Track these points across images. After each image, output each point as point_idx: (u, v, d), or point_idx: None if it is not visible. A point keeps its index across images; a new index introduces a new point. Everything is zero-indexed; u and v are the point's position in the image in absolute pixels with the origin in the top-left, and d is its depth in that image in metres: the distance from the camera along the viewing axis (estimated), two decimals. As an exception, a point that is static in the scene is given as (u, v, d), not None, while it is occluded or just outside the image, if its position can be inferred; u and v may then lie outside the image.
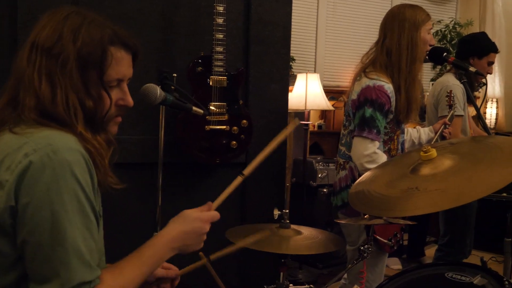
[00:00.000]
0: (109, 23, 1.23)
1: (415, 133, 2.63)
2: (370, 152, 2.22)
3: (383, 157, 2.25)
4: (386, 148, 2.36)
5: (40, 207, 1.05)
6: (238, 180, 1.47)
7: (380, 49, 2.36)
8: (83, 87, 1.17)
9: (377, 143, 2.25)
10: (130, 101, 1.28)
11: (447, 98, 2.82)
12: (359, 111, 2.29)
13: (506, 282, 1.51)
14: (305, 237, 1.92)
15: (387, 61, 2.32)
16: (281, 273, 2.00)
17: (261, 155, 1.49)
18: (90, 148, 1.15)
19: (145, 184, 2.56)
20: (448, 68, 4.49)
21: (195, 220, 1.30)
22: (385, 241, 2.29)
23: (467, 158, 1.71)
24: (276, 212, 1.99)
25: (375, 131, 2.24)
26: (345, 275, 2.63)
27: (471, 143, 1.94)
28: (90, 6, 2.46)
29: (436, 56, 2.70)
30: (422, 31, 2.33)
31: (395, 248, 2.38)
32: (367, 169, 2.21)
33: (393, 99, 2.29)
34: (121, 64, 1.22)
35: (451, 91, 2.82)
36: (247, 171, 1.49)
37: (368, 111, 2.24)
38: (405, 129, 2.57)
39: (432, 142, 2.56)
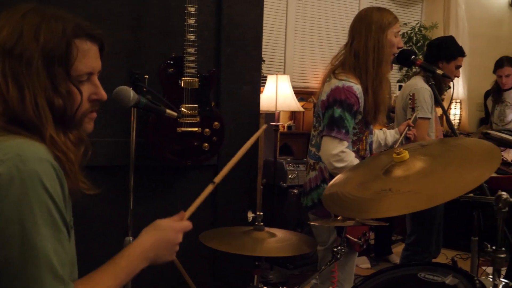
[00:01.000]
0: (70, 16, 1.18)
1: (382, 134, 2.68)
2: (338, 151, 2.25)
3: (352, 156, 2.29)
4: (355, 148, 2.39)
5: (10, 221, 1.01)
6: (209, 188, 1.48)
7: (349, 51, 2.39)
8: (51, 85, 1.12)
9: (345, 143, 2.28)
10: (103, 94, 1.24)
11: (410, 101, 2.88)
12: (328, 111, 2.32)
13: (477, 281, 1.54)
14: (279, 239, 1.92)
15: (355, 63, 2.36)
16: (255, 276, 2.00)
17: (230, 162, 1.51)
18: (59, 156, 1.11)
19: (116, 188, 2.52)
20: (414, 70, 4.59)
21: (168, 230, 1.29)
22: (355, 240, 2.32)
23: (438, 160, 1.74)
24: (250, 215, 1.98)
25: (344, 131, 2.27)
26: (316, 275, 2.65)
27: (441, 145, 1.98)
28: (58, 6, 2.41)
29: (404, 59, 2.75)
30: (389, 34, 2.37)
31: (365, 247, 2.41)
32: (336, 168, 2.25)
33: (361, 100, 2.32)
34: (88, 56, 1.18)
35: (413, 94, 2.89)
36: (218, 179, 1.50)
37: (337, 112, 2.27)
38: (373, 131, 2.62)
39: (397, 144, 2.62)
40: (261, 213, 1.95)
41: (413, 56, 2.65)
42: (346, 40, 2.45)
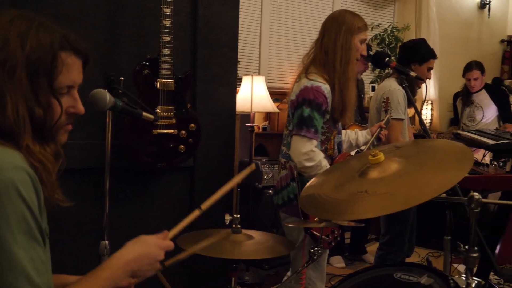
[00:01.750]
0: (58, 27, 1.17)
1: (353, 135, 2.75)
2: (307, 150, 2.31)
3: (321, 156, 2.34)
4: (323, 147, 2.44)
5: None
6: (196, 213, 1.49)
7: (319, 47, 2.47)
8: (32, 96, 1.11)
9: (315, 142, 2.34)
10: (81, 108, 1.23)
11: (383, 104, 2.93)
12: (297, 110, 2.37)
13: (451, 281, 1.58)
14: (256, 242, 1.92)
15: (324, 59, 2.43)
16: (233, 278, 2.01)
17: (220, 191, 1.56)
18: (36, 165, 1.10)
19: (91, 191, 2.49)
20: (387, 71, 4.65)
21: (152, 246, 1.28)
22: (323, 236, 2.35)
23: (413, 161, 1.77)
24: (227, 217, 1.98)
25: (313, 130, 2.33)
26: (288, 273, 2.69)
27: (415, 146, 2.01)
28: (29, 5, 2.37)
29: (378, 61, 2.80)
30: (356, 38, 2.44)
31: (333, 244, 2.45)
32: (305, 167, 2.31)
33: (329, 100, 2.38)
34: (72, 70, 1.18)
35: (387, 97, 2.94)
36: (205, 205, 1.52)
37: (306, 111, 2.33)
38: (343, 131, 2.69)
39: (368, 144, 2.67)
40: (238, 216, 1.95)
41: (387, 59, 2.71)
42: (317, 36, 2.51)
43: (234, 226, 1.94)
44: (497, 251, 3.90)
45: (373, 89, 5.52)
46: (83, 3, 2.52)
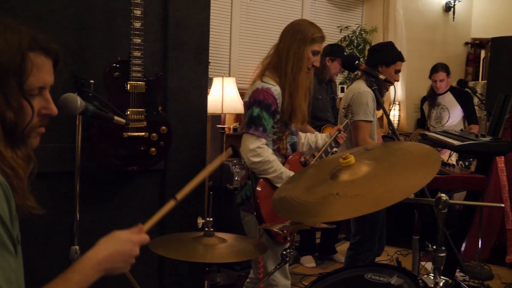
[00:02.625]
0: (26, 28, 1.15)
1: (313, 138, 2.83)
2: (255, 147, 2.40)
3: (269, 152, 2.43)
4: (276, 147, 2.53)
5: None
6: (171, 204, 1.47)
7: (275, 51, 2.56)
8: (2, 98, 1.08)
9: (263, 140, 2.42)
10: (54, 109, 1.20)
11: (343, 110, 2.98)
12: (248, 111, 2.47)
13: (420, 281, 1.62)
14: (229, 245, 1.93)
15: (278, 63, 2.52)
16: (206, 281, 2.01)
17: (195, 180, 1.52)
18: (7, 171, 1.08)
19: (62, 194, 2.45)
20: (356, 73, 4.72)
21: (126, 242, 1.27)
22: (277, 231, 2.39)
23: (382, 164, 1.81)
24: (200, 221, 1.98)
25: (261, 129, 2.41)
26: (251, 270, 2.72)
27: (384, 149, 2.05)
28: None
29: (348, 64, 2.84)
30: (309, 49, 2.50)
31: (289, 238, 2.48)
32: (253, 163, 2.40)
33: (279, 101, 2.47)
34: (42, 71, 1.15)
35: (348, 105, 3.00)
36: (180, 195, 1.50)
37: (256, 111, 2.42)
38: (304, 134, 2.79)
39: (325, 147, 2.73)
40: (211, 219, 1.95)
41: (357, 62, 2.76)
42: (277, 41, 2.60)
43: (206, 229, 1.94)
44: (463, 248, 4.01)
45: (342, 90, 5.58)
46: (51, 4, 2.48)
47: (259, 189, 2.42)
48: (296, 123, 2.56)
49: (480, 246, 3.90)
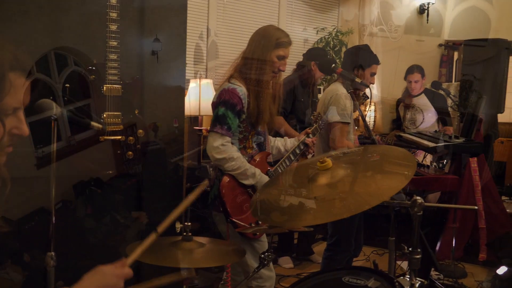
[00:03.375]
0: (9, 46, 1.11)
1: (282, 141, 2.86)
2: (218, 144, 2.45)
3: (233, 150, 2.47)
4: (242, 146, 2.57)
5: None
6: (152, 237, 1.48)
7: (242, 55, 2.61)
8: None
9: (227, 138, 2.47)
10: (25, 130, 1.17)
11: (312, 117, 3.01)
12: (215, 110, 2.52)
13: (397, 283, 1.64)
14: (208, 249, 1.92)
15: (242, 66, 2.57)
16: (184, 286, 2.00)
17: (174, 213, 1.55)
18: None
19: (38, 200, 2.41)
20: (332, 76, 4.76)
21: (110, 277, 1.28)
22: (244, 224, 2.40)
23: (359, 167, 1.83)
24: (178, 225, 1.97)
25: (226, 127, 2.46)
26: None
27: (361, 153, 2.07)
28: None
29: (325, 67, 2.86)
30: (273, 53, 2.54)
31: (258, 234, 2.51)
32: (217, 160, 2.45)
33: (245, 101, 2.51)
34: (20, 92, 1.12)
35: (318, 112, 3.03)
36: (161, 228, 1.51)
37: (221, 110, 2.47)
38: (273, 138, 2.83)
39: (293, 148, 2.76)
40: (189, 224, 1.94)
41: (333, 65, 2.79)
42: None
43: (185, 234, 1.93)
44: (437, 248, 4.07)
45: (319, 91, 5.62)
46: (25, 5, 2.43)
47: (222, 184, 2.45)
48: (263, 125, 2.60)
49: (454, 245, 3.98)
